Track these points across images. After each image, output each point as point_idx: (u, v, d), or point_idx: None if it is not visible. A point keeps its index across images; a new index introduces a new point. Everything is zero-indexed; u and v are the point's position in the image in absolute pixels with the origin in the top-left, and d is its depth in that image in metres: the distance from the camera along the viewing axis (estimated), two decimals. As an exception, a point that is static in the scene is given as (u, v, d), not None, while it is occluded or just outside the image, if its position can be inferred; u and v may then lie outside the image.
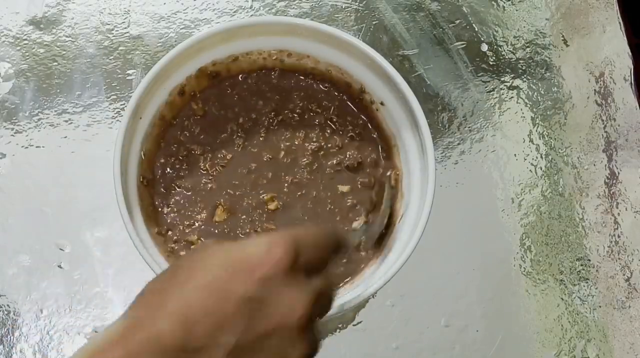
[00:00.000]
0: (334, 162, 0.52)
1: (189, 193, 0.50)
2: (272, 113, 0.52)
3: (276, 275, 0.31)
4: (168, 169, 0.50)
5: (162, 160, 0.50)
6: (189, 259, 0.33)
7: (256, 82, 0.53)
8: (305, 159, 0.51)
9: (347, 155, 0.52)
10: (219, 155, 0.51)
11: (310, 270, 0.33)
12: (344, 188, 0.51)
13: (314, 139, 0.52)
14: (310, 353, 0.32)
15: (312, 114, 0.53)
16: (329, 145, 0.52)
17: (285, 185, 0.50)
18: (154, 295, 0.31)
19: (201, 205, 0.50)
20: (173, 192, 0.50)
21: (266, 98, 0.53)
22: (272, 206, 0.50)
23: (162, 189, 0.49)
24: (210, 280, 0.31)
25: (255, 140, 0.51)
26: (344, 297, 0.46)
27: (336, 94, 0.53)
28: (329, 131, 0.52)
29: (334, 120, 0.53)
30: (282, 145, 0.52)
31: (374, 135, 0.53)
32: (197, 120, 0.52)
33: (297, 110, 0.52)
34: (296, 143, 0.52)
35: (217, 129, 0.52)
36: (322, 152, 0.52)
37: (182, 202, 0.50)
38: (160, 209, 0.49)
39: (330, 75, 0.53)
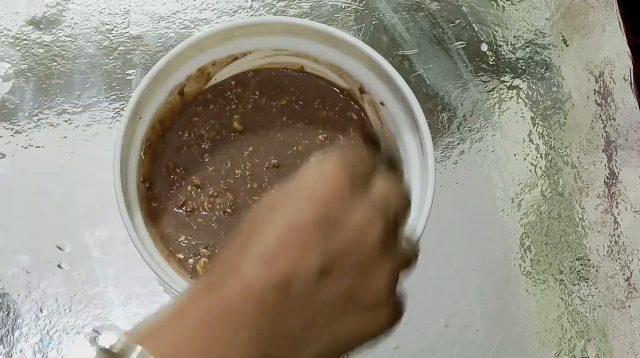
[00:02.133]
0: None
1: (190, 192, 0.50)
2: (275, 112, 0.52)
3: (338, 193, 0.30)
4: (169, 169, 0.50)
5: (163, 160, 0.50)
6: (246, 220, 0.31)
7: (257, 81, 0.53)
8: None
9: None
10: (222, 154, 0.51)
11: (365, 183, 0.33)
12: None
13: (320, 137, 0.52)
14: (395, 273, 0.32)
15: (313, 111, 0.53)
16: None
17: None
18: (225, 258, 0.30)
19: (204, 203, 0.49)
20: (174, 191, 0.50)
21: (268, 96, 0.53)
22: None
23: (162, 189, 0.49)
24: (275, 218, 0.30)
25: (258, 138, 0.51)
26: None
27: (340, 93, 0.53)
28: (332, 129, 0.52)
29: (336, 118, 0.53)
30: (286, 142, 0.52)
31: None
32: (199, 119, 0.52)
33: (299, 108, 0.52)
34: (302, 141, 0.52)
35: (220, 128, 0.52)
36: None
37: (183, 200, 0.49)
38: (161, 207, 0.49)
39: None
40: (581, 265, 0.58)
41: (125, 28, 0.59)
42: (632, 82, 0.63)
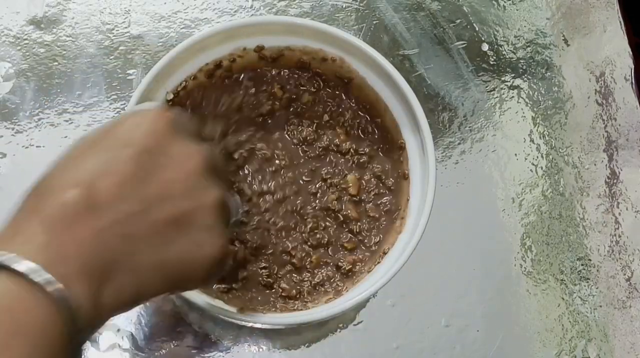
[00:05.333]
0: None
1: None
2: (274, 110, 0.52)
3: (162, 130, 0.33)
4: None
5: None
6: (66, 151, 0.32)
7: (256, 80, 0.53)
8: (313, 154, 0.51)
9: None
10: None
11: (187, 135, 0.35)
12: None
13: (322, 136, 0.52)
14: (219, 199, 0.33)
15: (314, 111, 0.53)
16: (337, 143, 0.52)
17: (287, 180, 0.50)
18: (44, 184, 0.31)
19: None
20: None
21: (267, 95, 0.53)
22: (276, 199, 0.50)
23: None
24: (98, 147, 0.32)
25: (261, 139, 0.51)
26: (345, 297, 0.46)
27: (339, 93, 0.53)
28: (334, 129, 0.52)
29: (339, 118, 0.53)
30: (283, 143, 0.52)
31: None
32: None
33: (299, 108, 0.52)
34: (302, 139, 0.52)
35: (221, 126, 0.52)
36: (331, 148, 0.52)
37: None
38: None
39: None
40: (582, 265, 0.58)
41: (126, 28, 0.59)
42: (633, 81, 0.64)
